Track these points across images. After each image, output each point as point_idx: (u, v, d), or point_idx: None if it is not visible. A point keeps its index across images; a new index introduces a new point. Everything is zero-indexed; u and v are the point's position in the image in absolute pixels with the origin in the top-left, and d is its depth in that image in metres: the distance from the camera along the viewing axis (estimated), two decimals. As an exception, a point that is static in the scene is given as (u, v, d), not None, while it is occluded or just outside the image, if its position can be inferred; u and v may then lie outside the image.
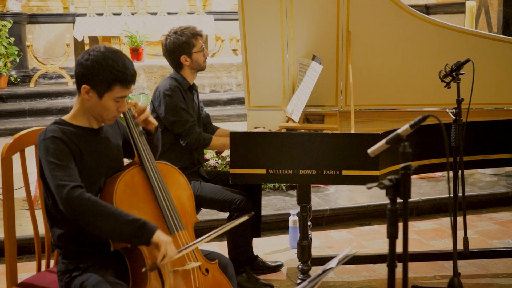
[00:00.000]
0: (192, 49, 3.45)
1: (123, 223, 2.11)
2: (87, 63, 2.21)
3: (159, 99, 3.42)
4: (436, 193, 4.90)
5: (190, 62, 3.46)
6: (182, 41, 3.43)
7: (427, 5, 10.09)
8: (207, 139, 3.41)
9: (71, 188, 2.11)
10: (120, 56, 2.24)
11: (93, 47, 2.25)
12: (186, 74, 3.50)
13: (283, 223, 4.32)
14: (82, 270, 2.24)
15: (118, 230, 2.11)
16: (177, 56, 3.45)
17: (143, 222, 2.13)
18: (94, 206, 2.11)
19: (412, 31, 3.56)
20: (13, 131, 6.61)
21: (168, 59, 3.50)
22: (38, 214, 2.48)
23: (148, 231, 2.12)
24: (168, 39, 3.47)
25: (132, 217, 2.13)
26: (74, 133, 2.25)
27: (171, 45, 3.45)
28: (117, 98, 2.23)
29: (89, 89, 2.22)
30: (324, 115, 3.75)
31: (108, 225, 2.11)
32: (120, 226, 2.10)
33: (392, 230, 1.62)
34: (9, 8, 9.30)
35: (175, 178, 2.43)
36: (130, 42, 7.55)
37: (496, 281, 3.56)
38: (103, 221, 2.10)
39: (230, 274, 2.46)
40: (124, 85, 2.22)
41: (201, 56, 3.49)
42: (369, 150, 1.84)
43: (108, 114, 2.26)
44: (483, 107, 3.80)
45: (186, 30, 3.46)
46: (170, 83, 3.43)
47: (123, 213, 2.13)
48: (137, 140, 2.33)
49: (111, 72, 2.19)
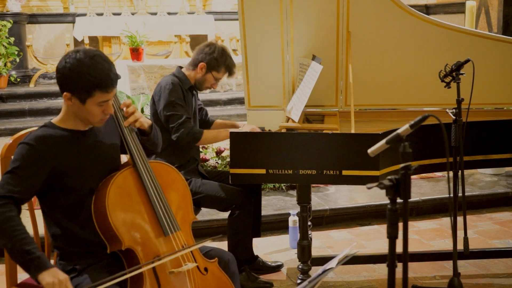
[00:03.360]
0: (213, 71, 3.49)
1: (18, 250, 2.04)
2: (64, 71, 2.17)
3: (159, 93, 3.43)
4: (436, 193, 4.90)
5: (201, 74, 3.49)
6: (217, 59, 3.47)
7: (427, 5, 10.09)
8: (197, 133, 3.38)
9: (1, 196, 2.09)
10: (98, 60, 2.17)
11: (71, 52, 2.20)
12: (190, 75, 3.52)
13: (283, 223, 4.31)
14: (78, 271, 2.24)
15: (13, 255, 2.05)
16: (202, 60, 3.48)
17: (35, 257, 2.03)
18: (2, 223, 2.05)
19: (412, 31, 3.56)
20: (13, 131, 6.61)
21: (195, 54, 3.53)
22: (38, 214, 2.48)
23: (35, 268, 2.02)
24: (217, 46, 3.50)
25: (28, 247, 2.04)
26: (60, 136, 2.24)
27: (211, 51, 3.48)
28: (100, 102, 2.20)
29: (71, 96, 2.19)
30: (324, 115, 3.75)
31: (6, 247, 2.06)
32: (15, 252, 2.04)
33: (392, 230, 1.62)
34: (9, 8, 9.29)
35: (171, 176, 2.41)
36: (130, 42, 7.55)
37: (496, 281, 3.56)
38: (2, 240, 2.06)
39: (232, 270, 2.43)
40: (104, 90, 2.17)
41: (209, 82, 3.53)
42: (369, 150, 1.85)
43: (94, 118, 2.24)
44: (483, 107, 3.80)
45: (230, 59, 3.51)
46: (172, 79, 3.46)
47: (24, 240, 2.05)
48: (129, 141, 2.31)
49: (89, 80, 2.14)
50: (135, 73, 7.79)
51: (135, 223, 2.23)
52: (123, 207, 2.22)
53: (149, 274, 2.18)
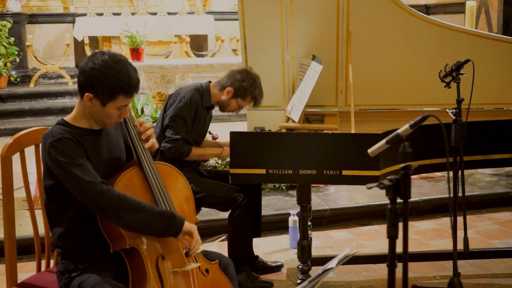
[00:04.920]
0: (238, 97, 3.48)
1: (153, 215, 2.16)
2: (91, 72, 2.18)
3: (174, 99, 3.44)
4: (436, 193, 4.90)
5: (227, 98, 3.48)
6: (246, 88, 3.44)
7: (427, 5, 10.09)
8: (185, 151, 3.41)
9: (100, 184, 2.14)
10: (124, 65, 2.21)
11: (98, 54, 2.21)
12: (215, 95, 3.52)
13: (283, 223, 4.31)
14: (81, 270, 2.24)
15: (149, 222, 2.15)
16: (230, 84, 3.46)
17: (171, 213, 2.21)
18: (124, 201, 2.14)
19: (412, 31, 3.56)
20: (13, 131, 6.61)
21: (226, 77, 3.50)
22: (38, 214, 2.48)
23: (177, 221, 2.20)
24: (250, 75, 3.46)
25: (159, 209, 2.20)
26: (77, 134, 2.25)
27: (242, 79, 3.44)
28: (120, 106, 2.23)
29: (92, 97, 2.20)
30: (324, 115, 3.75)
31: (138, 218, 2.14)
32: (150, 218, 2.15)
33: (392, 230, 1.62)
34: (9, 8, 9.30)
35: (174, 178, 2.43)
36: (130, 42, 7.54)
37: (496, 281, 3.56)
38: (134, 214, 2.14)
39: (231, 274, 2.45)
40: (128, 95, 2.22)
41: (232, 107, 3.52)
42: (369, 150, 1.84)
43: (110, 120, 2.27)
44: (483, 107, 3.80)
45: (259, 91, 3.47)
46: (193, 94, 3.43)
47: (151, 206, 2.19)
48: (135, 141, 2.33)
49: (115, 83, 2.17)
50: (135, 73, 7.77)
51: None
52: None
53: (152, 273, 2.18)
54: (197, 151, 3.47)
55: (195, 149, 3.47)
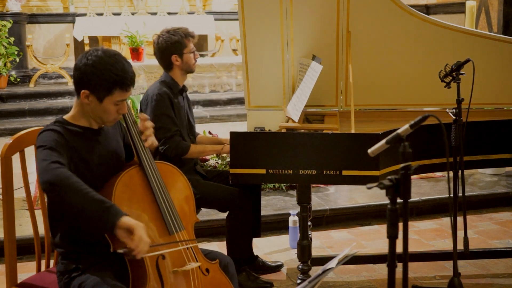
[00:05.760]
0: (183, 50, 3.45)
1: (91, 200, 2.04)
2: (85, 68, 2.19)
3: (146, 103, 3.43)
4: (436, 193, 4.90)
5: (180, 62, 3.46)
6: (175, 40, 3.43)
7: (427, 5, 10.10)
8: (185, 148, 3.39)
9: (51, 162, 2.08)
10: (119, 59, 2.21)
11: (91, 50, 2.23)
12: (176, 76, 3.50)
13: (283, 223, 4.31)
14: (81, 270, 2.24)
15: (85, 207, 2.03)
16: (168, 55, 3.45)
17: (110, 204, 2.07)
18: (67, 180, 2.05)
19: (412, 31, 3.56)
20: (13, 131, 6.61)
21: (159, 59, 3.50)
22: (38, 214, 2.49)
23: (112, 214, 2.04)
24: (160, 38, 3.46)
25: (101, 197, 2.06)
26: (75, 132, 2.25)
27: (163, 44, 3.44)
28: (117, 101, 2.23)
29: (89, 94, 2.21)
30: (324, 115, 3.75)
31: (76, 202, 2.04)
32: (87, 203, 2.03)
33: (392, 230, 1.62)
34: (9, 8, 9.30)
35: (175, 178, 2.43)
36: (130, 42, 7.54)
37: (496, 281, 3.56)
38: (73, 196, 2.03)
39: (231, 273, 2.45)
40: (124, 89, 2.22)
41: (192, 58, 3.49)
42: (369, 150, 1.84)
43: (108, 117, 2.27)
44: (483, 107, 3.80)
45: (179, 30, 3.47)
46: (159, 88, 3.42)
47: (93, 193, 2.06)
48: (136, 140, 2.33)
49: (110, 77, 2.18)
50: (135, 73, 7.77)
51: (140, 220, 2.23)
52: (129, 204, 2.22)
53: (153, 273, 2.18)
54: (197, 148, 3.46)
55: (195, 146, 3.46)
